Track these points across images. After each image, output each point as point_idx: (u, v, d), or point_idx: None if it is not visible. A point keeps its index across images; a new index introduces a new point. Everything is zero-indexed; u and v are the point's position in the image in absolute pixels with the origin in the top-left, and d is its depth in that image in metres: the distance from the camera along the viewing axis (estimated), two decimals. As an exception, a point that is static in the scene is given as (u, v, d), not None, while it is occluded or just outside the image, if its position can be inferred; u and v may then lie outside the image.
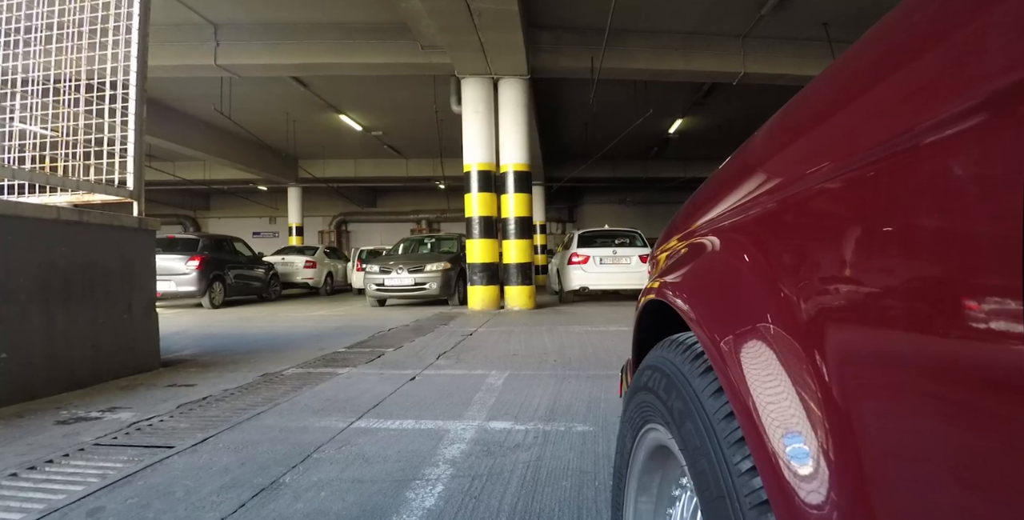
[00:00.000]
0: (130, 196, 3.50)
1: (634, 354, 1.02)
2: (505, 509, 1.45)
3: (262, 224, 25.23)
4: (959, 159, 0.29)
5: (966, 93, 0.29)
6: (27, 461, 1.85)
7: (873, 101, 0.39)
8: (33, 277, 2.82)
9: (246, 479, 1.67)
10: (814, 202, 0.43)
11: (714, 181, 0.78)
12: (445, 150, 14.92)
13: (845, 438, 0.35)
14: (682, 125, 13.75)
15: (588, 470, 1.72)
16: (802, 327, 0.41)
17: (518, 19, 6.65)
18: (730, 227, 0.61)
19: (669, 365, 0.66)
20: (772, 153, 0.57)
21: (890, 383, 0.32)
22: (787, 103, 0.59)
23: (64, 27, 3.38)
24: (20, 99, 3.38)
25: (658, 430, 0.68)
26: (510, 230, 8.44)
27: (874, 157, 0.36)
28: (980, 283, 0.27)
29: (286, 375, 3.34)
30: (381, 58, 8.70)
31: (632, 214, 22.73)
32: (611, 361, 3.70)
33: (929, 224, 0.30)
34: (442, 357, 3.95)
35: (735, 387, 0.47)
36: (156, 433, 2.17)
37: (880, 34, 0.42)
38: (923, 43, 0.35)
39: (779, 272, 0.47)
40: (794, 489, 0.38)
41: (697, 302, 0.64)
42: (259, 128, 13.65)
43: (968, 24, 0.30)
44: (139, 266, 3.54)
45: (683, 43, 8.93)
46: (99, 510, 1.47)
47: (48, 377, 2.85)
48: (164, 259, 8.07)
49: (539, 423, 2.26)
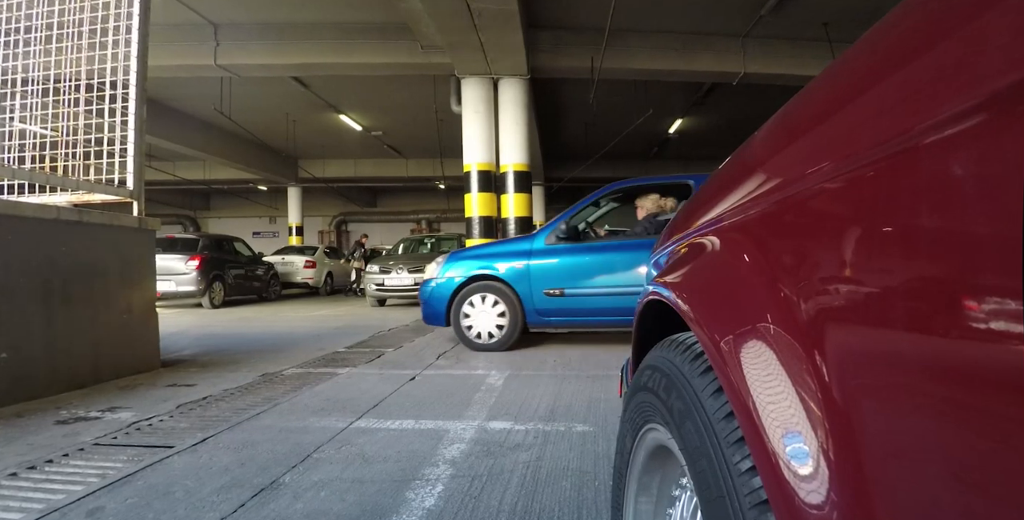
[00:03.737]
0: (130, 196, 3.50)
1: (634, 354, 1.02)
2: (505, 509, 1.45)
3: (262, 224, 25.23)
4: (959, 159, 0.29)
5: (966, 93, 0.29)
6: (27, 461, 1.85)
7: (873, 101, 0.39)
8: (33, 277, 2.82)
9: (246, 479, 1.67)
10: (814, 202, 0.43)
11: (714, 181, 0.78)
12: (445, 150, 14.91)
13: (845, 438, 0.35)
14: (682, 125, 13.75)
15: (588, 470, 1.72)
16: (802, 327, 0.41)
17: (518, 19, 6.65)
18: (730, 227, 0.61)
19: (669, 365, 0.66)
20: (772, 153, 0.57)
21: (890, 383, 0.32)
22: (787, 103, 0.59)
23: (64, 27, 3.38)
24: (20, 99, 3.38)
25: (658, 430, 0.68)
26: (510, 230, 8.44)
27: (874, 157, 0.36)
28: (980, 283, 0.27)
29: (286, 375, 3.34)
30: (381, 58, 8.70)
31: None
32: (611, 361, 3.70)
33: (929, 224, 0.30)
34: (442, 357, 3.94)
35: (735, 387, 0.47)
36: (156, 433, 2.17)
37: (880, 34, 0.42)
38: (923, 43, 0.35)
39: (779, 272, 0.47)
40: (794, 489, 0.38)
41: (697, 302, 0.64)
42: (259, 128, 13.65)
43: (968, 24, 0.30)
44: (139, 266, 3.54)
45: (683, 43, 8.92)
46: (99, 510, 1.46)
47: (48, 377, 2.85)
48: (164, 259, 8.06)
49: (539, 423, 2.26)
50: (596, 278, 4.03)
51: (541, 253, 4.16)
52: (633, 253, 3.93)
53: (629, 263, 3.95)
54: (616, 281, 3.99)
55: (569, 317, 4.14)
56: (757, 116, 10.64)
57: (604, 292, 3.98)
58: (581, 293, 4.02)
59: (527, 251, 4.19)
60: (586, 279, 4.04)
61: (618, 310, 3.94)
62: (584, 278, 4.04)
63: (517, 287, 4.13)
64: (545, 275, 4.10)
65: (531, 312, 4.13)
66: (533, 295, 4.10)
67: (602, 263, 4.04)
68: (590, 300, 4.02)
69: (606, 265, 4.03)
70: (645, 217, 4.28)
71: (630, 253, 3.96)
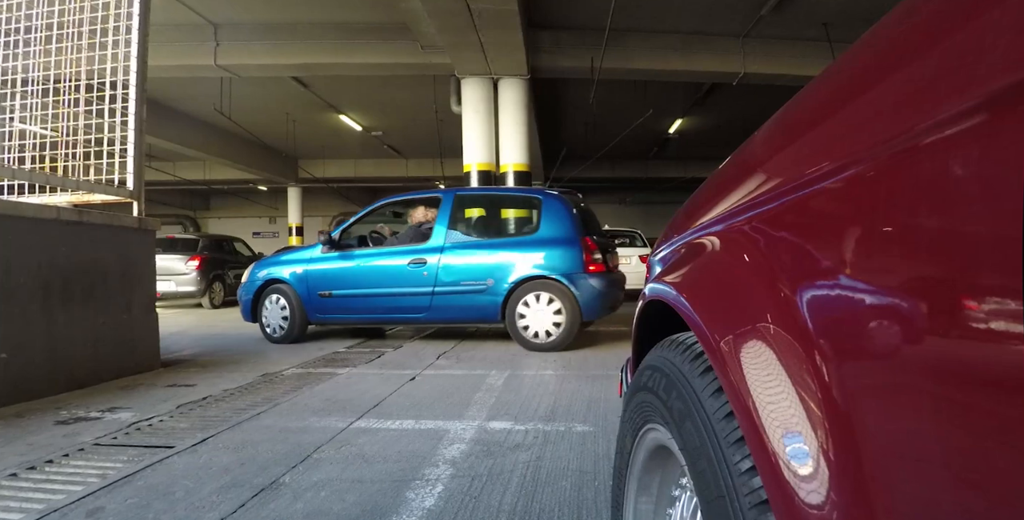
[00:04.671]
0: (130, 196, 3.50)
1: (634, 354, 1.02)
2: (505, 509, 1.45)
3: (262, 224, 25.23)
4: (959, 159, 0.29)
5: (966, 93, 0.29)
6: (27, 461, 1.85)
7: (873, 101, 0.39)
8: (33, 277, 2.82)
9: (246, 479, 1.67)
10: (814, 202, 0.43)
11: (714, 181, 0.77)
12: (445, 150, 14.92)
13: (845, 438, 0.35)
14: (682, 125, 13.75)
15: (588, 470, 1.72)
16: (802, 327, 0.41)
17: (518, 19, 6.65)
18: (730, 227, 0.61)
19: (669, 365, 0.66)
20: (772, 153, 0.57)
21: (890, 383, 0.32)
22: (787, 103, 0.59)
23: (64, 27, 3.38)
24: (20, 99, 3.38)
25: (658, 430, 0.68)
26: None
27: (874, 157, 0.36)
28: (980, 283, 0.27)
29: (286, 375, 3.34)
30: (381, 58, 8.70)
31: (632, 214, 22.73)
32: (611, 361, 3.70)
33: (929, 224, 0.30)
34: (442, 357, 3.95)
35: (735, 387, 0.47)
36: (156, 433, 2.17)
37: (880, 34, 0.42)
38: (923, 43, 0.35)
39: (779, 272, 0.47)
40: (794, 489, 0.38)
41: (697, 302, 0.64)
42: (259, 128, 13.65)
43: (968, 24, 0.30)
44: (139, 266, 3.54)
45: (683, 43, 8.93)
46: (99, 510, 1.46)
47: (48, 377, 2.85)
48: (164, 259, 8.06)
49: (539, 423, 2.26)
50: (358, 281, 4.53)
51: (316, 260, 4.69)
52: (389, 257, 4.49)
53: (385, 268, 4.47)
54: (374, 283, 4.48)
55: (339, 314, 4.63)
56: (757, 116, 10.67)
57: (365, 293, 4.49)
58: (346, 295, 4.55)
59: (308, 258, 4.74)
60: (350, 282, 4.55)
61: (377, 308, 4.49)
62: (348, 281, 4.56)
63: (298, 289, 4.67)
64: (318, 279, 4.62)
65: (310, 310, 4.66)
66: (310, 296, 4.63)
67: (363, 269, 4.55)
68: (354, 300, 4.54)
69: (366, 270, 4.53)
70: (411, 226, 4.86)
71: (386, 258, 4.51)
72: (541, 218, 4.31)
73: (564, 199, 4.37)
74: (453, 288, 4.28)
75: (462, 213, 4.89)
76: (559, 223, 4.23)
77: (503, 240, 4.60)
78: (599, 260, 4.15)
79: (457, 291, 4.28)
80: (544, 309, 4.12)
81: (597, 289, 4.10)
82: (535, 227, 4.39)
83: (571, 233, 4.17)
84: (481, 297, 4.23)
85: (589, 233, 4.30)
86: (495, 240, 4.56)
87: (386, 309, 4.48)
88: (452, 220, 4.48)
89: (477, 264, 4.27)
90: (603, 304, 4.19)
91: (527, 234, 4.57)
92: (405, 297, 4.39)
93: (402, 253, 4.46)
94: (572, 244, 4.14)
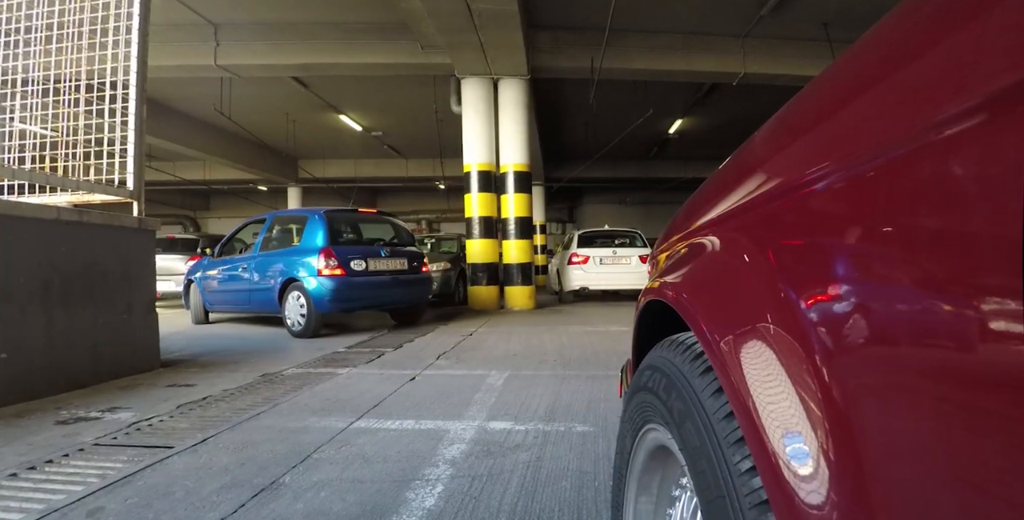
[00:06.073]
0: (130, 196, 3.50)
1: (634, 354, 1.02)
2: (505, 509, 1.45)
3: (262, 224, 25.20)
4: (959, 159, 0.29)
5: (966, 93, 0.29)
6: (27, 461, 1.85)
7: (873, 101, 0.39)
8: (33, 277, 2.82)
9: (246, 479, 1.67)
10: (814, 202, 0.43)
11: (714, 181, 0.78)
12: (445, 150, 14.91)
13: (845, 438, 0.35)
14: (682, 125, 13.75)
15: (588, 470, 1.72)
16: (802, 327, 0.41)
17: (518, 19, 6.65)
18: (730, 227, 0.61)
19: (669, 365, 0.66)
20: (772, 153, 0.57)
21: (890, 383, 0.32)
22: (787, 103, 0.59)
23: (64, 27, 3.39)
24: (20, 99, 3.38)
25: (658, 430, 0.68)
26: (510, 230, 8.44)
27: (874, 157, 0.36)
28: (980, 283, 0.27)
29: (286, 375, 3.34)
30: (381, 58, 8.70)
31: (632, 214, 22.72)
32: (611, 361, 3.70)
33: (929, 224, 0.30)
34: (442, 357, 3.95)
35: (735, 387, 0.47)
36: (156, 433, 2.17)
37: (880, 34, 0.42)
38: (923, 43, 0.35)
39: (779, 272, 0.47)
40: (794, 489, 0.38)
41: (697, 302, 0.64)
42: (259, 128, 13.65)
43: (968, 24, 0.30)
44: (139, 266, 3.54)
45: (683, 43, 8.92)
46: (99, 510, 1.47)
47: (48, 377, 2.85)
48: (164, 259, 8.08)
49: (539, 423, 2.26)
50: (228, 279, 6.03)
51: (210, 264, 6.33)
52: (250, 262, 5.79)
53: (248, 269, 5.79)
54: (238, 280, 5.89)
55: (220, 305, 6.19)
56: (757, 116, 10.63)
57: (232, 289, 5.98)
58: (222, 289, 6.11)
59: (208, 263, 6.41)
60: (223, 280, 6.09)
61: (243, 301, 5.87)
62: (222, 279, 6.10)
63: (199, 286, 6.44)
64: (208, 278, 6.29)
65: (205, 302, 6.38)
66: (205, 291, 6.34)
67: (231, 270, 6.01)
68: (227, 294, 6.07)
69: (233, 271, 5.97)
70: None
71: (247, 262, 5.83)
72: (304, 233, 5.53)
73: (322, 217, 5.46)
74: (258, 286, 5.65)
75: (273, 230, 6.08)
76: (310, 237, 5.42)
77: (284, 250, 5.71)
78: (334, 265, 5.22)
79: (260, 288, 5.64)
80: (295, 304, 5.30)
81: (327, 289, 5.13)
82: (300, 240, 5.59)
83: (315, 245, 5.33)
84: (270, 294, 5.51)
85: (338, 243, 5.45)
86: (280, 251, 5.73)
87: (249, 301, 5.83)
88: (266, 237, 5.90)
89: (268, 269, 5.59)
90: (334, 300, 5.17)
91: (295, 246, 5.66)
92: (240, 293, 5.88)
93: (239, 260, 5.99)
94: (313, 253, 5.27)
